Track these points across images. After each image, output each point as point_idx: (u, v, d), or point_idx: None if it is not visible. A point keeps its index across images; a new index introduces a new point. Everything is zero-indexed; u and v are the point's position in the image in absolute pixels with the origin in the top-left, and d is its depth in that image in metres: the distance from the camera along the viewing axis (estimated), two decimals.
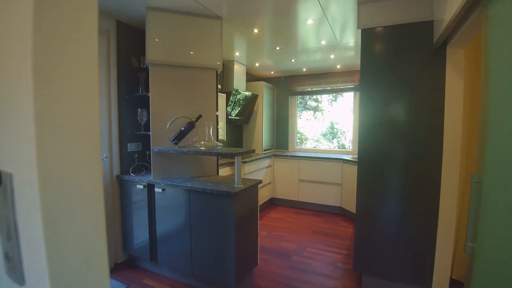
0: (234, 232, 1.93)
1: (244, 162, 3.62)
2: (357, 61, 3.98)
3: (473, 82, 1.90)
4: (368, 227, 2.27)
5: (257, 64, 4.22)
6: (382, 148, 2.19)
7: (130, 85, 2.60)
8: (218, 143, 2.14)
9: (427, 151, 2.03)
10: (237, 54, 3.64)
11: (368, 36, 2.19)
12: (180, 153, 2.13)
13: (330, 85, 4.64)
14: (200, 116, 2.30)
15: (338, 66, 4.29)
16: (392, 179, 2.16)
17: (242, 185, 2.04)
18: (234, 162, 3.59)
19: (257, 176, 4.01)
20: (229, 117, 3.94)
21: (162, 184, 2.24)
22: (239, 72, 4.11)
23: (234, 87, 3.91)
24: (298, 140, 5.26)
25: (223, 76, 4.10)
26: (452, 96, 1.92)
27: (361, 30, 2.18)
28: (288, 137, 5.10)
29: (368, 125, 2.24)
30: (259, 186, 2.21)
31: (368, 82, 2.23)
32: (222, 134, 3.56)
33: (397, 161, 2.14)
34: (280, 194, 4.53)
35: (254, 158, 3.92)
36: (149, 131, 2.33)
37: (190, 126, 2.28)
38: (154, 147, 2.29)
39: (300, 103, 5.26)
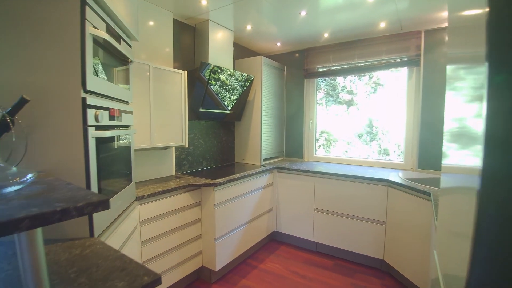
0: None
1: (216, 185, 2.17)
2: (417, 13, 2.27)
3: None
4: None
5: (248, 27, 2.71)
6: None
7: None
8: (25, 171, 0.73)
9: None
10: (203, 3, 2.18)
11: None
12: None
13: (367, 59, 2.97)
14: (24, 101, 0.91)
15: (383, 25, 2.61)
16: None
17: None
18: (197, 185, 2.15)
19: (246, 202, 2.52)
20: (201, 109, 2.50)
21: None
22: (219, 41, 2.65)
23: (210, 62, 2.47)
24: (324, 143, 3.64)
25: (194, 45, 2.67)
26: None
27: None
28: (303, 140, 3.52)
29: None
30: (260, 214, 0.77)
31: None
32: (180, 139, 2.15)
33: None
34: (285, 228, 3.00)
35: (240, 175, 2.45)
36: None
37: None
38: None
39: (331, 96, 3.63)
